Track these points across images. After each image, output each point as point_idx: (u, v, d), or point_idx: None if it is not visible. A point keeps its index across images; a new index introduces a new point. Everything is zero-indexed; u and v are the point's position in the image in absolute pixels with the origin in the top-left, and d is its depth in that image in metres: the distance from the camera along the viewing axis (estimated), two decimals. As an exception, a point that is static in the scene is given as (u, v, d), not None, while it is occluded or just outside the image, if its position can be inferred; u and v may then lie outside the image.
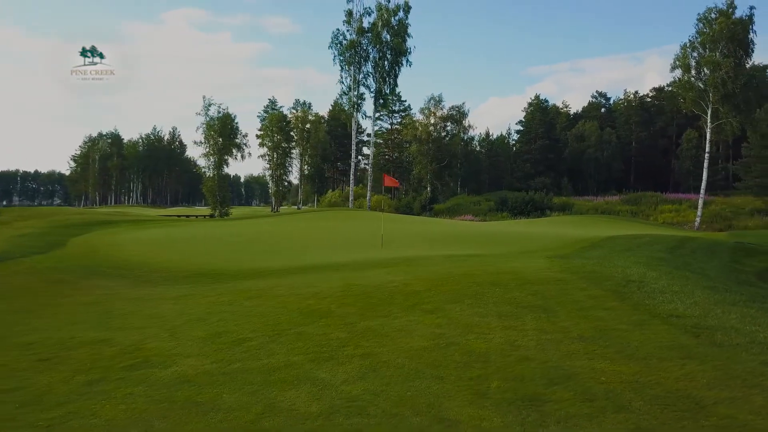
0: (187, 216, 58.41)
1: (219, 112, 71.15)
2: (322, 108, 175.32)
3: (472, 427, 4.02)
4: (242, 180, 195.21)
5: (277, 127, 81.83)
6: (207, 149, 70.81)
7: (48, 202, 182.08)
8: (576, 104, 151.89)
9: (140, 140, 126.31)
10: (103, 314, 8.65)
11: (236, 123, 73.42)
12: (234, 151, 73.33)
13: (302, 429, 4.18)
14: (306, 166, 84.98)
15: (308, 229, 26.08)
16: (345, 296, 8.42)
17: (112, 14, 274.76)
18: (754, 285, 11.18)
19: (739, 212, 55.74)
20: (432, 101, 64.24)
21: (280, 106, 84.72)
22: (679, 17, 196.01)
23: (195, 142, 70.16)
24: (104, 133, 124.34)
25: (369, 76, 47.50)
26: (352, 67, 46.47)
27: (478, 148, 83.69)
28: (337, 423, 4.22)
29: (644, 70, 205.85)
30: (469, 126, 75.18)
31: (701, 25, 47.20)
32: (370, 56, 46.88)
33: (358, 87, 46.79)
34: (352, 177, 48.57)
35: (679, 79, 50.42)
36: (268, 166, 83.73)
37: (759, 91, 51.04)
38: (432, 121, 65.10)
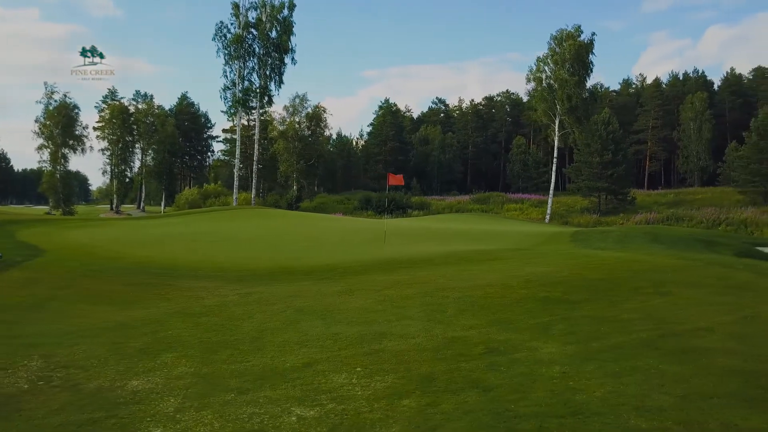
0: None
1: (57, 101, 64.39)
2: (164, 101, 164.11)
3: None
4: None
5: (119, 119, 75.73)
6: (44, 140, 63.73)
7: None
8: (414, 108, 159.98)
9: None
10: (299, 313, 8.38)
11: (77, 113, 66.94)
12: (74, 143, 66.75)
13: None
14: (150, 161, 79.63)
15: (285, 227, 25.48)
16: (544, 285, 9.07)
17: None
18: None
19: (571, 210, 63.75)
20: (297, 99, 64.31)
21: (121, 97, 78.39)
22: (493, 33, 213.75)
23: (33, 132, 62.79)
24: None
25: (253, 71, 46.53)
26: (236, 62, 45.12)
27: (331, 149, 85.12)
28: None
29: (467, 80, 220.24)
30: (325, 126, 76.32)
31: (553, 44, 53.47)
32: (255, 52, 45.97)
33: (243, 82, 45.59)
34: (236, 174, 47.08)
35: (533, 90, 56.59)
36: (108, 161, 77.19)
37: (594, 105, 59.20)
38: (297, 120, 65.18)
